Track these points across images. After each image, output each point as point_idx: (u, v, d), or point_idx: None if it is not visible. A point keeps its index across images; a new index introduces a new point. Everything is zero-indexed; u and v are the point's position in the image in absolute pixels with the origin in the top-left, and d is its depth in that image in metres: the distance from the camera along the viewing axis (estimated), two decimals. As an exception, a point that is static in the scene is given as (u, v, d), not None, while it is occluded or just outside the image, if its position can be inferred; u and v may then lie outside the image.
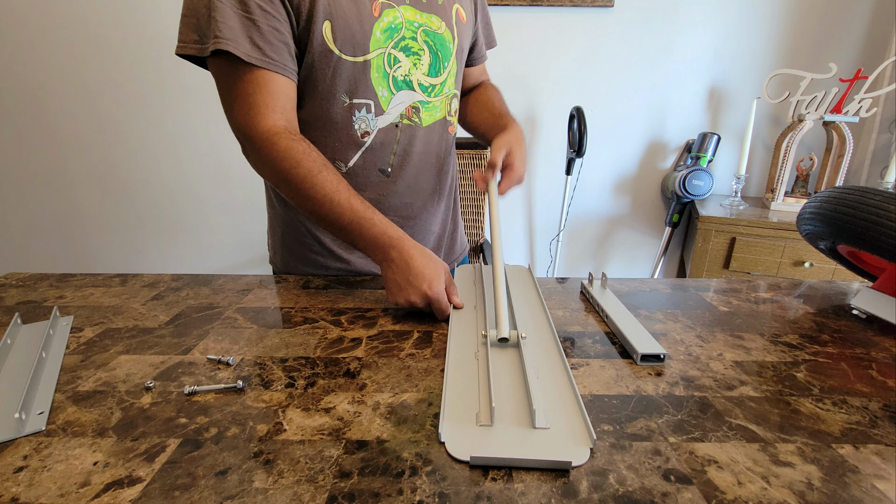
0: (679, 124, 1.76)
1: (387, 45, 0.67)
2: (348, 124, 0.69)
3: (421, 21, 0.69)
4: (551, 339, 0.53)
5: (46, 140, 1.88)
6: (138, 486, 0.34)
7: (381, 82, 0.68)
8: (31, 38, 1.73)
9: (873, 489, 0.33)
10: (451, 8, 0.74)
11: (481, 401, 0.42)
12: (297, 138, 0.62)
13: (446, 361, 0.48)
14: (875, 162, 1.64)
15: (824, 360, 0.51)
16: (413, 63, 0.70)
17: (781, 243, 1.47)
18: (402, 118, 0.72)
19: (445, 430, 0.38)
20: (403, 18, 0.67)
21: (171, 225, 1.99)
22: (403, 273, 0.60)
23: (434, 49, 0.72)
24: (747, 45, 1.64)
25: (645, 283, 0.72)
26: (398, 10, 0.67)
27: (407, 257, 0.60)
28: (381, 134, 0.71)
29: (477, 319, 0.59)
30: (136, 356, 0.51)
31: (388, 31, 0.66)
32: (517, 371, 0.47)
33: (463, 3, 0.76)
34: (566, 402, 0.42)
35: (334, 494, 0.33)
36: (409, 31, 0.68)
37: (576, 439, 0.37)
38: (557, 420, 0.39)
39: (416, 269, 0.59)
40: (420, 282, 0.59)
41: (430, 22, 0.70)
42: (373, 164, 0.73)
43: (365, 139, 0.70)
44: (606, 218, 1.90)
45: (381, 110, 0.70)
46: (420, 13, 0.69)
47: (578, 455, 0.36)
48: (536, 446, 0.36)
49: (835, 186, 0.62)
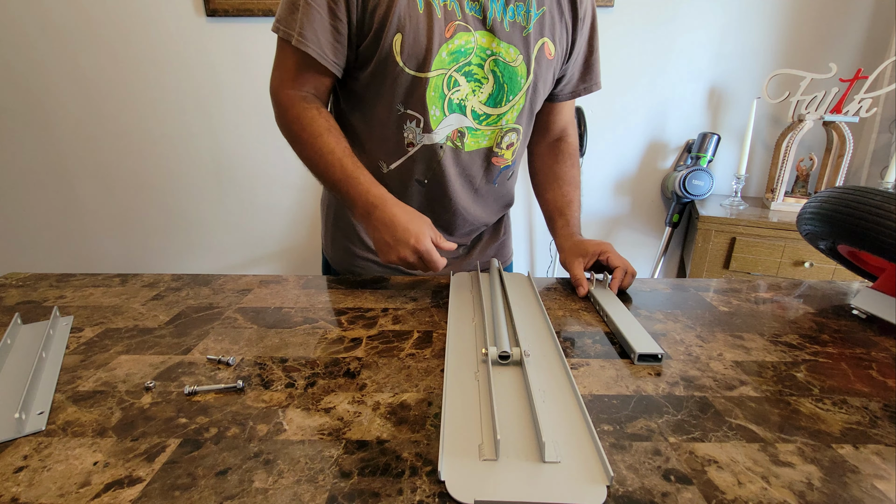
0: (679, 124, 1.76)
1: (450, 68, 0.66)
2: (399, 131, 0.71)
3: (495, 49, 0.67)
4: (556, 355, 0.50)
5: (46, 140, 1.88)
6: (138, 486, 0.34)
7: (436, 102, 0.68)
8: (31, 38, 1.73)
9: (873, 489, 0.33)
10: (537, 42, 0.70)
11: (484, 431, 0.38)
12: (311, 107, 0.68)
13: (444, 382, 0.45)
14: (875, 162, 1.64)
15: (824, 360, 0.51)
16: (472, 89, 0.69)
17: (781, 243, 1.47)
18: (447, 139, 0.72)
19: (446, 468, 0.34)
20: (476, 44, 0.66)
21: (172, 225, 1.99)
22: (389, 230, 0.62)
23: (501, 80, 0.70)
24: (747, 45, 1.64)
25: (645, 283, 0.72)
26: (473, 35, 0.66)
27: (390, 215, 0.63)
28: (425, 149, 0.72)
29: (476, 335, 0.55)
30: (136, 356, 0.51)
31: (455, 53, 0.66)
32: (521, 394, 0.43)
33: (556, 38, 0.71)
34: (577, 431, 0.38)
35: (334, 494, 0.33)
36: (478, 57, 0.67)
37: (590, 475, 0.34)
38: (569, 452, 0.36)
39: (400, 224, 0.62)
40: (407, 236, 0.61)
41: (506, 52, 0.68)
42: (411, 173, 0.74)
43: (409, 149, 0.72)
44: (606, 218, 1.90)
45: (430, 128, 0.70)
46: (497, 41, 0.67)
47: (594, 495, 0.32)
48: (547, 485, 0.33)
49: (835, 186, 0.62)
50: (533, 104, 0.75)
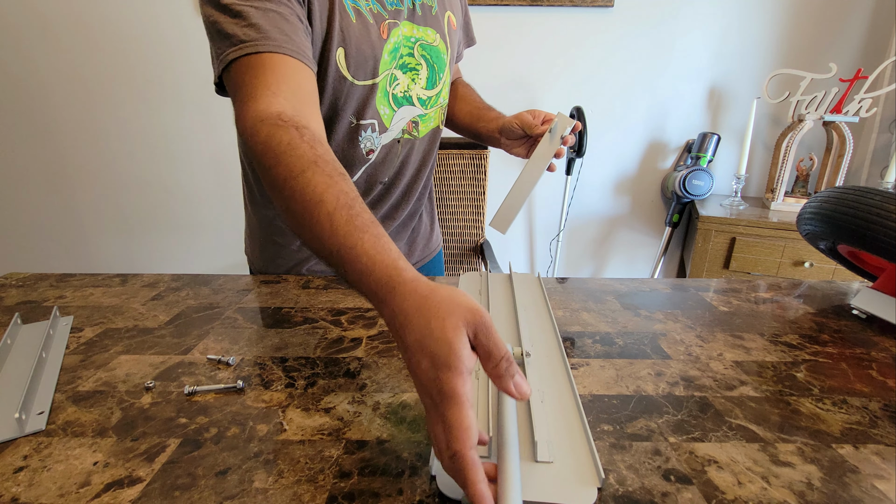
0: (679, 124, 1.76)
1: (392, 66, 0.66)
2: (355, 143, 0.69)
3: (418, 35, 0.68)
4: (558, 356, 0.50)
5: (46, 140, 1.88)
6: (138, 486, 0.34)
7: (383, 101, 0.68)
8: (31, 38, 1.73)
9: (873, 489, 0.33)
10: (444, 17, 0.72)
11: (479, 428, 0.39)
12: (285, 125, 0.46)
13: None
14: (875, 162, 1.64)
15: (824, 360, 0.51)
16: (411, 79, 0.70)
17: (781, 243, 1.47)
18: (402, 133, 0.72)
19: (437, 464, 0.35)
20: (402, 35, 0.67)
21: (172, 225, 1.99)
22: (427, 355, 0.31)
23: (431, 62, 0.71)
24: (747, 45, 1.64)
25: (645, 283, 0.72)
26: (400, 28, 0.66)
27: (402, 320, 0.33)
28: (384, 150, 0.72)
29: None
30: (136, 356, 0.51)
31: (392, 52, 0.66)
32: None
33: (453, 9, 0.75)
34: (573, 433, 0.38)
35: (334, 494, 0.33)
36: (407, 47, 0.67)
37: (582, 477, 0.34)
38: (562, 453, 0.36)
39: (411, 345, 0.32)
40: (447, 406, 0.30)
41: (426, 35, 0.70)
42: (375, 179, 0.74)
43: (370, 157, 0.71)
44: (606, 218, 1.90)
45: (385, 128, 0.70)
46: (417, 27, 0.68)
47: (584, 496, 0.32)
48: (537, 484, 0.33)
49: (835, 186, 0.62)
50: (453, 75, 0.80)
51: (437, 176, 1.35)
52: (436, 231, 0.94)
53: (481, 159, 1.32)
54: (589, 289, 0.70)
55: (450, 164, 1.33)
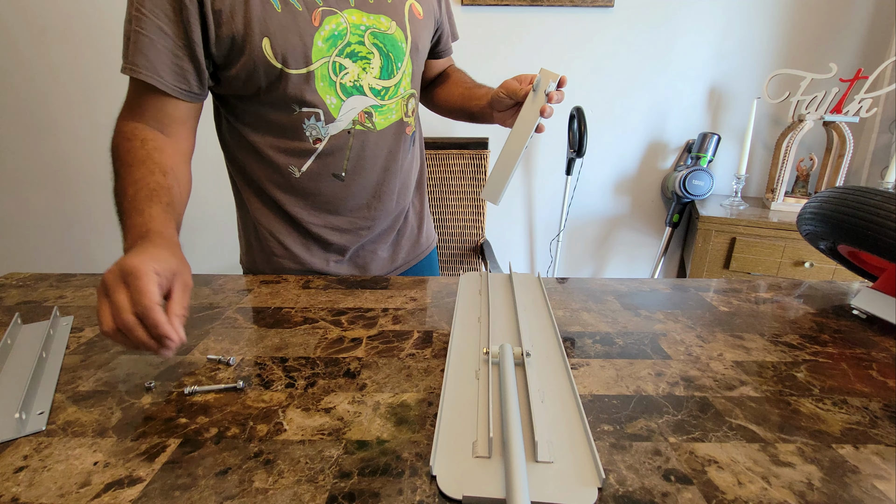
0: (679, 124, 1.76)
1: (330, 54, 0.65)
2: (299, 131, 0.69)
3: (368, 23, 0.67)
4: (559, 356, 0.49)
5: (46, 140, 1.88)
6: (138, 486, 0.34)
7: (328, 90, 0.67)
8: (31, 38, 1.73)
9: (873, 489, 0.33)
10: (404, 5, 0.71)
11: (479, 428, 0.39)
12: (129, 137, 0.65)
13: (444, 379, 0.45)
14: (875, 162, 1.64)
15: (824, 361, 0.51)
16: (362, 68, 0.68)
17: (781, 243, 1.47)
18: (354, 124, 0.71)
19: (438, 463, 0.35)
20: (348, 23, 0.66)
21: (171, 225, 1.99)
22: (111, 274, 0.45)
23: (385, 51, 0.70)
24: (747, 45, 1.64)
25: (645, 283, 0.72)
26: (341, 16, 0.65)
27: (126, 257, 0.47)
28: (334, 140, 0.70)
29: (480, 334, 0.55)
30: (136, 356, 0.51)
31: (330, 38, 0.65)
32: (521, 394, 0.43)
33: None
34: (573, 433, 0.38)
35: (334, 494, 0.33)
36: (355, 35, 0.66)
37: (582, 477, 0.34)
38: (563, 453, 0.36)
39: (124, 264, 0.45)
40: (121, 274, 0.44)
41: (379, 23, 0.68)
42: (326, 170, 0.72)
43: (317, 146, 0.70)
44: (606, 218, 1.90)
45: (332, 118, 0.69)
46: (366, 15, 0.67)
47: (584, 497, 0.32)
48: (537, 484, 0.33)
49: (835, 186, 0.62)
50: (417, 66, 0.77)
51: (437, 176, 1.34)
52: (425, 233, 0.92)
53: (481, 159, 1.32)
54: (589, 289, 0.70)
55: (450, 164, 1.33)
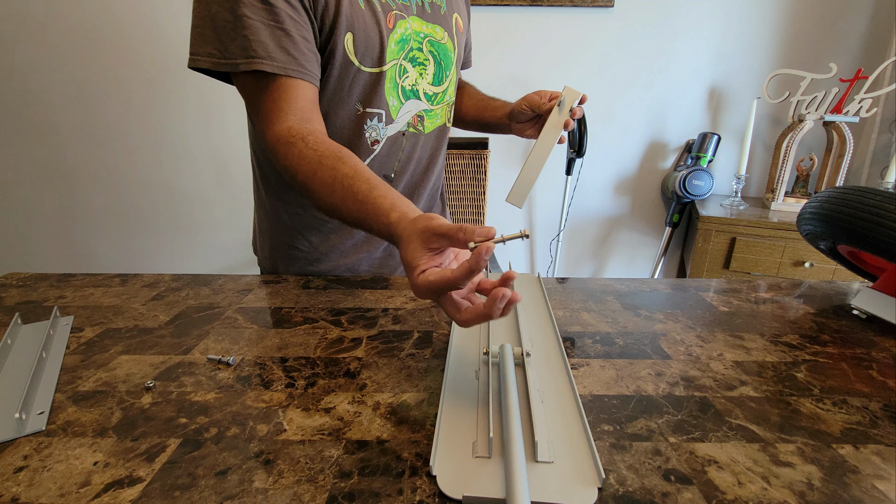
0: (679, 124, 1.76)
1: (399, 57, 0.68)
2: (360, 132, 0.70)
3: (426, 32, 0.71)
4: (559, 356, 0.50)
5: (46, 140, 1.88)
6: (138, 486, 0.34)
7: (392, 92, 0.69)
8: (31, 38, 1.73)
9: (873, 489, 0.33)
10: (452, 17, 0.75)
11: (479, 428, 0.39)
12: (293, 141, 0.56)
13: (444, 379, 0.45)
14: (875, 162, 1.64)
15: (824, 361, 0.51)
16: (419, 73, 0.72)
17: (781, 243, 1.47)
18: (408, 126, 0.74)
19: (438, 463, 0.35)
20: (412, 30, 0.69)
21: (171, 225, 1.99)
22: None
23: (438, 59, 0.74)
24: (747, 45, 1.64)
25: (645, 283, 0.72)
26: (408, 22, 0.68)
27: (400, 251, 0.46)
28: (389, 142, 0.73)
29: (480, 334, 0.55)
30: (136, 356, 0.51)
31: (400, 42, 0.67)
32: (521, 394, 0.43)
33: (460, 12, 0.78)
34: (573, 433, 0.38)
35: (334, 494, 0.33)
36: (416, 41, 0.70)
37: (582, 477, 0.34)
38: (563, 453, 0.36)
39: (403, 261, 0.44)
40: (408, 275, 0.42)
41: (435, 32, 0.72)
42: (378, 171, 0.74)
43: (374, 147, 0.72)
44: (606, 218, 1.90)
45: (391, 119, 0.71)
46: (426, 24, 0.71)
47: (584, 497, 0.32)
48: (537, 484, 0.33)
49: (835, 186, 0.62)
50: (458, 75, 0.83)
51: (437, 176, 1.35)
52: None
53: (481, 159, 1.32)
54: (589, 289, 0.70)
55: (450, 164, 1.33)
